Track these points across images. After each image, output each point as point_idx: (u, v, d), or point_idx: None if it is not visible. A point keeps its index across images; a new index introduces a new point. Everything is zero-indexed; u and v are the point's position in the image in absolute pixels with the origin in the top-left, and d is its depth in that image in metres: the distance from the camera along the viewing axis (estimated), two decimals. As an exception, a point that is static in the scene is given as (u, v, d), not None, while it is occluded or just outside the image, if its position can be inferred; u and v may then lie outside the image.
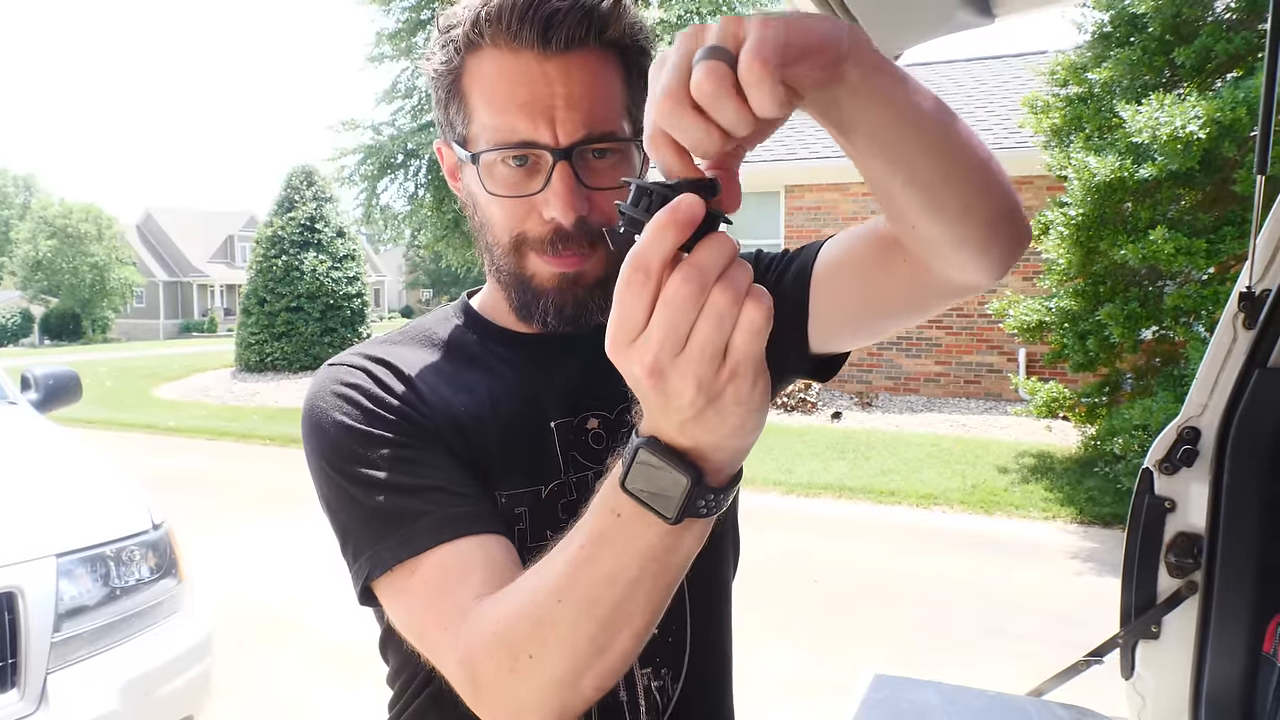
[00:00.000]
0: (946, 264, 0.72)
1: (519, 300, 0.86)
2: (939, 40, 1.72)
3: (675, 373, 0.51)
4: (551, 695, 0.65)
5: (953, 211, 0.66)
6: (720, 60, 0.47)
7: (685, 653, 0.90)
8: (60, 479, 2.89)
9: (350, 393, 0.82)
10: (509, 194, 0.81)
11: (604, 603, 0.62)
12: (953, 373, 10.69)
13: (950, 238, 0.68)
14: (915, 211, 0.66)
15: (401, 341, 0.92)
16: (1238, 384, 1.71)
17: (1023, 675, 2.42)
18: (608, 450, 0.88)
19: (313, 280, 15.30)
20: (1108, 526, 5.98)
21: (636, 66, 0.83)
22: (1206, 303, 6.05)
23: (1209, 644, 1.73)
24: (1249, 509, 1.70)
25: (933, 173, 0.63)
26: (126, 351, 26.33)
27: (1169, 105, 5.80)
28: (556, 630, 0.63)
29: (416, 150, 20.39)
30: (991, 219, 0.67)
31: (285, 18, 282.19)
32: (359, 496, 0.77)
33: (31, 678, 2.25)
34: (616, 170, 0.82)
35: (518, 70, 0.78)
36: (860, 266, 0.83)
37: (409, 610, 0.74)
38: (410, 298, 61.96)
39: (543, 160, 0.79)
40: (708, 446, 0.55)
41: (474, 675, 0.67)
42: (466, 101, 0.82)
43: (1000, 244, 0.70)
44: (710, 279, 0.50)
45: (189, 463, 8.75)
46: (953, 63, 13.71)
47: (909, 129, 0.60)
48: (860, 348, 1.05)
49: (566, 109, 0.78)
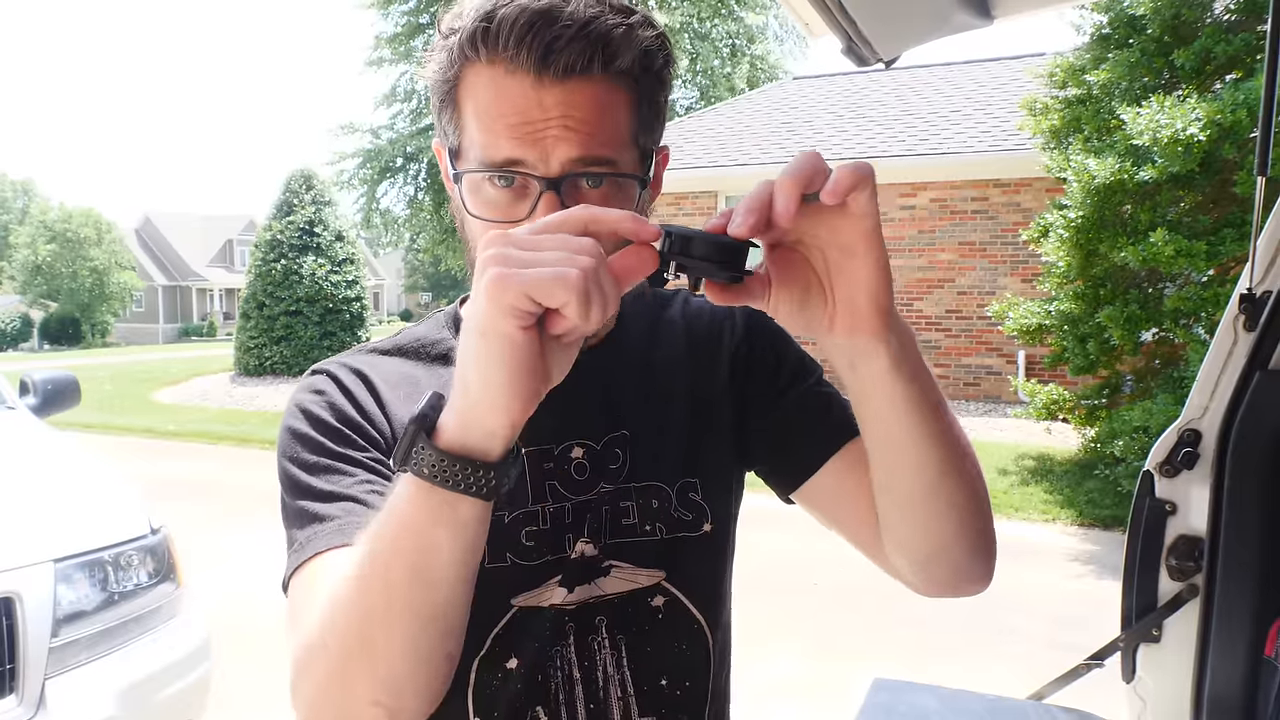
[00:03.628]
0: (898, 542, 0.81)
1: None
2: (937, 42, 1.72)
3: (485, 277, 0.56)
4: (325, 694, 0.66)
5: (940, 501, 0.75)
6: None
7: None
8: (59, 484, 2.89)
9: (310, 401, 0.83)
10: (491, 218, 0.77)
11: (369, 580, 0.64)
12: (952, 375, 10.68)
13: (922, 523, 0.77)
14: (911, 496, 0.76)
15: (390, 350, 0.91)
16: (1238, 386, 1.71)
17: (1023, 679, 2.41)
18: (591, 482, 0.85)
19: (312, 284, 15.29)
20: (1107, 529, 5.98)
21: (648, 95, 0.78)
22: (1206, 305, 6.04)
23: (1210, 647, 1.73)
24: (1250, 512, 1.70)
25: (934, 461, 0.73)
26: (126, 356, 26.33)
27: (1169, 107, 5.80)
28: (335, 619, 0.65)
29: (416, 154, 20.46)
30: (970, 529, 0.78)
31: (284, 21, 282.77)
32: (287, 501, 0.80)
33: (30, 683, 2.24)
34: (609, 199, 0.76)
35: (512, 92, 0.73)
36: (839, 503, 0.89)
37: (288, 612, 0.75)
38: (409, 301, 61.97)
39: (530, 186, 0.75)
40: (454, 405, 0.60)
41: (290, 681, 0.68)
42: (460, 113, 0.78)
43: (965, 556, 0.80)
44: (577, 237, 0.57)
45: (188, 467, 8.74)
46: (950, 65, 13.73)
47: (928, 412, 0.71)
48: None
49: (559, 137, 0.73)
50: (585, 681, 0.84)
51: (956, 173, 10.61)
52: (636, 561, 0.86)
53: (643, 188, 0.79)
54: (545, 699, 0.84)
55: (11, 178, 55.15)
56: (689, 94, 21.16)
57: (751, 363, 0.93)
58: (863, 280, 0.63)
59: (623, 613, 0.85)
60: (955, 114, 11.62)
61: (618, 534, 0.85)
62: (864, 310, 0.64)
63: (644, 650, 0.86)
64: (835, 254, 0.63)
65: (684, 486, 0.88)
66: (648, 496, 0.87)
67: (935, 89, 12.74)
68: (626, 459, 0.87)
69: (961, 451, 0.75)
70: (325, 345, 15.19)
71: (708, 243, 0.59)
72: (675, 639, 0.88)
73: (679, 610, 0.88)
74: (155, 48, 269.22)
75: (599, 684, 0.84)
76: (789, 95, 14.38)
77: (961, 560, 0.80)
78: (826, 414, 0.91)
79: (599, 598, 0.84)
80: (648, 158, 0.80)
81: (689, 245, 0.58)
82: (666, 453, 0.88)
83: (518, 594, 0.83)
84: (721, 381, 0.93)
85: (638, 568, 0.86)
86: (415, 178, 21.15)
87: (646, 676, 0.86)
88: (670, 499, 0.87)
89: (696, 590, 0.89)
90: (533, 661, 0.83)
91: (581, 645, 0.84)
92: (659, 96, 0.80)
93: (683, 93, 21.18)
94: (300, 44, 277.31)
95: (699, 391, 0.92)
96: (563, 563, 0.84)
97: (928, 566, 0.81)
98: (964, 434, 0.76)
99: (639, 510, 0.86)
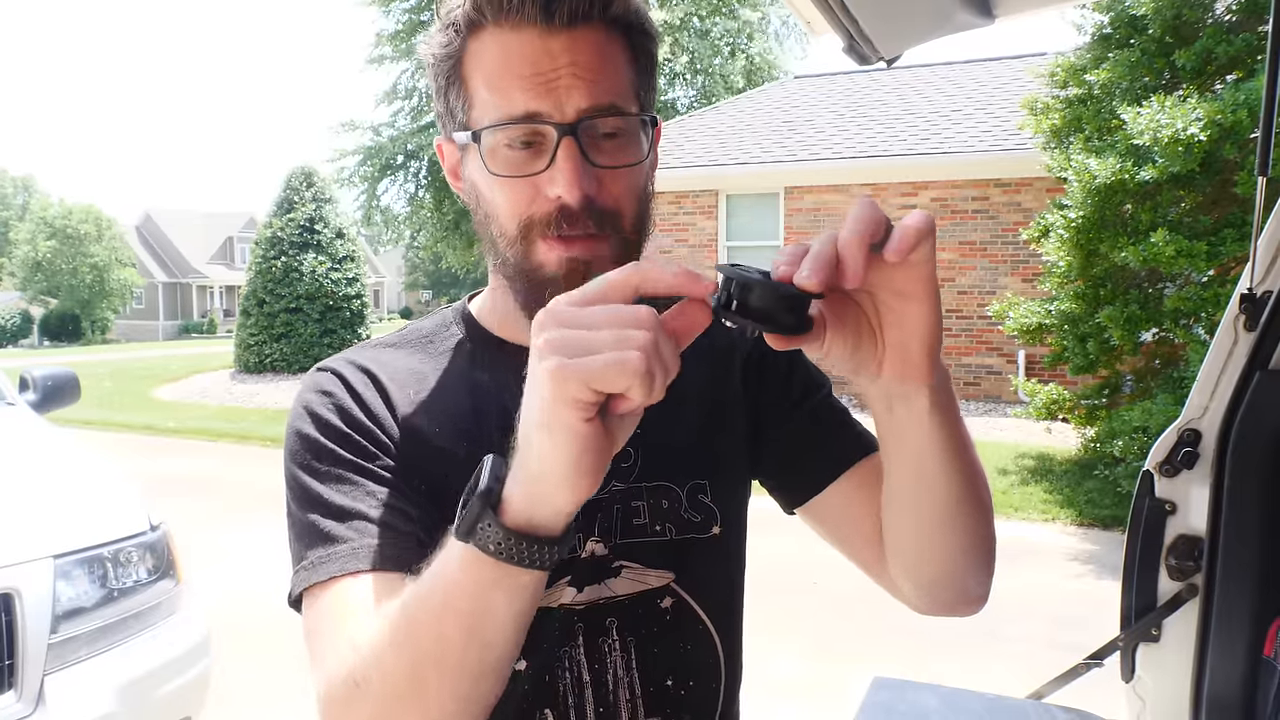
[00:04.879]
0: (905, 569, 0.83)
1: (526, 294, 0.80)
2: (939, 41, 1.72)
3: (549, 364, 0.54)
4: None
5: (955, 537, 0.77)
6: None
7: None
8: (58, 480, 2.89)
9: (317, 403, 0.81)
10: (513, 174, 0.77)
11: (421, 629, 0.63)
12: (952, 374, 10.48)
13: (936, 555, 0.79)
14: (924, 529, 0.77)
15: (397, 345, 0.89)
16: (1239, 386, 1.71)
17: (1022, 678, 2.41)
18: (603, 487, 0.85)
19: (312, 281, 15.28)
20: (1107, 529, 5.98)
21: (642, 49, 0.80)
22: (1207, 305, 6.04)
23: (1209, 647, 1.73)
24: (1250, 512, 1.70)
25: (952, 495, 0.74)
26: (125, 353, 26.33)
27: (1170, 107, 5.80)
28: (383, 659, 0.64)
29: (416, 152, 20.45)
30: (975, 557, 0.79)
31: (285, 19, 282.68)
32: (294, 509, 0.79)
33: (29, 679, 2.24)
34: (624, 151, 0.78)
35: (520, 46, 0.74)
36: (844, 521, 0.91)
37: (307, 634, 0.74)
38: (409, 299, 61.96)
39: (547, 138, 0.75)
40: (518, 477, 0.59)
41: (323, 710, 0.68)
42: (467, 86, 0.78)
43: (971, 579, 0.81)
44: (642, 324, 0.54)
45: (187, 464, 8.74)
46: (951, 64, 13.72)
47: (959, 451, 0.72)
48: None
49: (570, 82, 0.74)
50: (595, 684, 0.83)
51: (957, 172, 10.61)
52: (646, 562, 0.85)
53: (652, 126, 0.81)
54: (554, 701, 0.83)
55: (12, 173, 55.17)
56: (689, 93, 21.14)
57: (764, 369, 0.93)
58: (917, 326, 0.62)
59: (633, 614, 0.84)
60: (956, 113, 11.62)
61: (628, 534, 0.85)
62: (915, 355, 0.63)
63: (651, 652, 0.85)
64: (889, 298, 0.61)
65: (694, 488, 0.88)
66: (658, 496, 0.86)
67: (936, 88, 12.73)
68: (637, 458, 0.86)
69: (980, 483, 0.76)
70: (325, 343, 15.18)
71: (770, 293, 0.56)
72: (681, 640, 0.87)
73: (686, 612, 0.87)
74: (156, 44, 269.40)
75: (609, 686, 0.84)
76: (790, 94, 14.37)
77: (968, 584, 0.81)
78: (838, 430, 0.91)
79: (609, 598, 0.83)
80: (647, 115, 0.81)
81: (748, 294, 0.56)
82: (677, 453, 0.88)
83: None
84: (735, 385, 0.93)
85: (647, 568, 0.85)
86: (416, 175, 21.13)
87: (653, 678, 0.85)
88: (680, 500, 0.87)
89: (704, 593, 0.88)
90: (540, 662, 0.82)
91: (591, 647, 0.83)
92: (651, 49, 0.81)
93: (683, 91, 21.16)
94: (301, 41, 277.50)
95: (712, 394, 0.91)
96: (573, 562, 0.83)
97: (933, 589, 0.82)
98: (980, 464, 0.77)
99: (649, 510, 0.86)
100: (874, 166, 11.00)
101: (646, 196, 0.82)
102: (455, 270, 20.39)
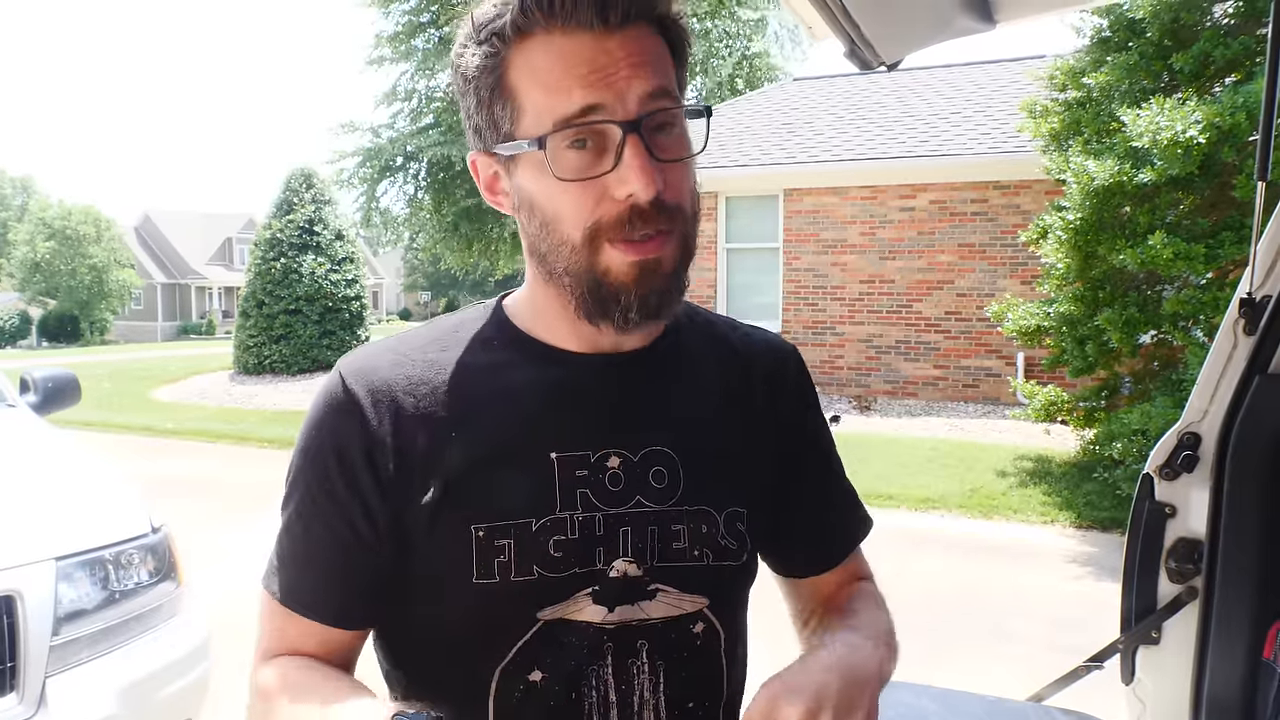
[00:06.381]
0: None
1: (594, 301, 0.79)
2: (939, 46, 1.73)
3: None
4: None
5: None
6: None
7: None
8: (59, 482, 2.88)
9: (323, 418, 0.85)
10: (579, 177, 0.75)
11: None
12: (951, 376, 10.70)
13: None
14: None
15: (426, 346, 0.88)
16: (1238, 390, 1.71)
17: (1022, 680, 2.42)
18: (625, 495, 0.83)
19: (311, 283, 15.28)
20: (1106, 531, 5.98)
21: (680, 47, 0.82)
22: (1205, 308, 6.05)
23: (1209, 650, 1.73)
24: (1249, 515, 1.70)
25: None
26: (125, 354, 26.30)
27: (1168, 110, 5.81)
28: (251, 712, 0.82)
29: (415, 153, 20.43)
30: None
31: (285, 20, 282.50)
32: (284, 497, 0.87)
33: (30, 681, 2.24)
34: (681, 145, 0.80)
35: (575, 48, 0.75)
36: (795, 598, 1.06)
37: (257, 623, 0.89)
38: (409, 300, 61.96)
39: (608, 138, 0.75)
40: None
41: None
42: (514, 96, 0.77)
43: None
44: None
45: (186, 465, 8.73)
46: (951, 67, 13.73)
47: None
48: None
49: (630, 78, 0.75)
50: (621, 705, 0.83)
51: (956, 174, 10.62)
52: (682, 587, 0.84)
53: (708, 116, 0.83)
54: (578, 718, 0.82)
55: (11, 174, 55.13)
56: (689, 93, 21.11)
57: (782, 392, 0.98)
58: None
59: (665, 638, 0.84)
60: (955, 116, 11.63)
61: (667, 557, 0.84)
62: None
63: (680, 675, 0.85)
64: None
65: (731, 515, 0.87)
66: (698, 521, 0.85)
67: (935, 91, 12.74)
68: (679, 480, 0.85)
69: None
70: (324, 344, 15.17)
71: None
72: (708, 664, 0.87)
73: (713, 637, 0.87)
74: (155, 45, 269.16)
75: (634, 708, 0.83)
76: (789, 96, 14.38)
77: None
78: (841, 514, 1.02)
79: (642, 621, 0.83)
80: (703, 105, 0.83)
81: None
82: (718, 480, 0.87)
83: (544, 607, 0.81)
84: (771, 419, 0.95)
85: (683, 593, 0.84)
86: (415, 177, 21.10)
87: (678, 701, 0.85)
88: (718, 526, 0.86)
89: (728, 618, 0.88)
90: (563, 678, 0.81)
91: (620, 668, 0.82)
92: (687, 47, 0.83)
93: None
94: (300, 42, 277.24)
95: (755, 423, 0.93)
96: (594, 576, 0.82)
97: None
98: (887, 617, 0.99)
99: (690, 535, 0.85)
100: (873, 169, 11.01)
101: (698, 189, 0.84)
102: (454, 272, 20.37)
